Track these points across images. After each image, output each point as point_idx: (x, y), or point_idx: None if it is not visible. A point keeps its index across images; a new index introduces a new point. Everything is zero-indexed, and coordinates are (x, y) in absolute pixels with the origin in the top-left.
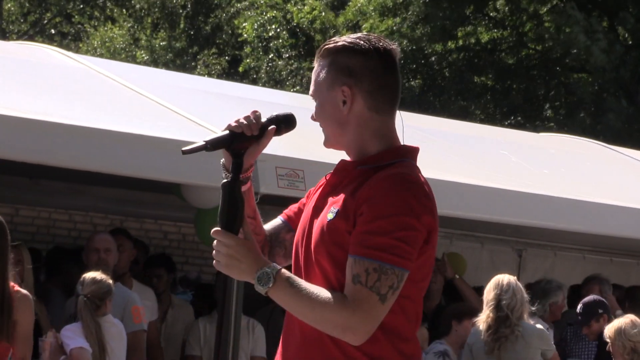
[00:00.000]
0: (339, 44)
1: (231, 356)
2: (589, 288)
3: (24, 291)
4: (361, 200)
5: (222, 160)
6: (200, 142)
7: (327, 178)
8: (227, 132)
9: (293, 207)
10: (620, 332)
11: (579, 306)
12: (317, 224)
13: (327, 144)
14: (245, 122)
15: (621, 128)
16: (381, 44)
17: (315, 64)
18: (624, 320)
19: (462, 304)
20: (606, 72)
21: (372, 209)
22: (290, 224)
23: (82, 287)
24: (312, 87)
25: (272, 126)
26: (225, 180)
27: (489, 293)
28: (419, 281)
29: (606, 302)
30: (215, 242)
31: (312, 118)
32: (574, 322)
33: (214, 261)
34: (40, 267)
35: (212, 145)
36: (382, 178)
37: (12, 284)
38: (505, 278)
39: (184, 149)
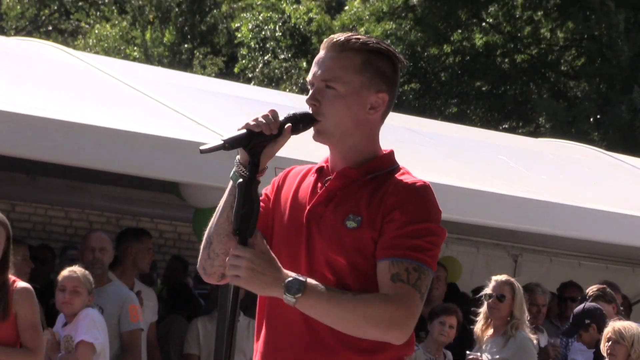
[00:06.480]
0: (371, 43)
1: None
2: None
3: (23, 284)
4: (388, 207)
5: (237, 157)
6: (219, 141)
7: (325, 182)
8: (244, 130)
9: None
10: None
11: (571, 316)
12: (330, 231)
13: (324, 137)
14: (264, 121)
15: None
16: (400, 55)
17: (333, 52)
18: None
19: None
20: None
21: (404, 215)
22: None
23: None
24: (329, 72)
25: (289, 124)
26: (241, 180)
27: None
28: None
29: (597, 311)
30: (230, 257)
31: (314, 101)
32: (565, 332)
33: (231, 276)
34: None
35: (231, 144)
36: (404, 186)
37: (12, 277)
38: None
39: (201, 148)
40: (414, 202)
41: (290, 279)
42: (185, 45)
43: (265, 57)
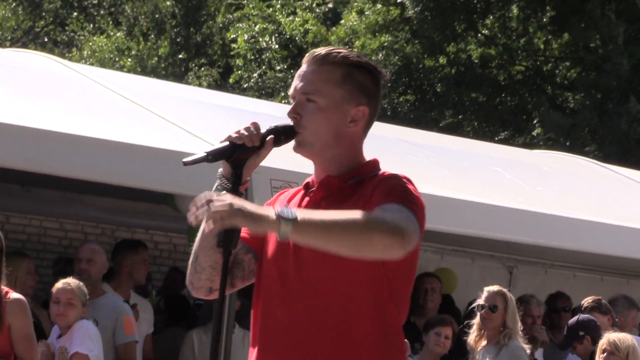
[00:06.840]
0: (351, 57)
1: None
2: (634, 315)
3: (17, 295)
4: (369, 195)
5: (219, 170)
6: (202, 154)
7: (309, 194)
8: (227, 143)
9: None
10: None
11: (565, 328)
12: None
13: (304, 149)
14: (246, 133)
15: (624, 135)
16: (383, 70)
17: (314, 65)
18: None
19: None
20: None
21: (387, 187)
22: (247, 245)
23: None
24: (309, 85)
25: (271, 136)
26: (224, 192)
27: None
28: (409, 283)
29: (591, 322)
30: (209, 204)
31: (295, 114)
32: (559, 344)
33: (218, 219)
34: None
35: (214, 156)
36: (382, 176)
37: (5, 289)
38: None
39: (185, 160)
40: (393, 180)
41: (279, 209)
42: (180, 56)
43: (261, 69)
